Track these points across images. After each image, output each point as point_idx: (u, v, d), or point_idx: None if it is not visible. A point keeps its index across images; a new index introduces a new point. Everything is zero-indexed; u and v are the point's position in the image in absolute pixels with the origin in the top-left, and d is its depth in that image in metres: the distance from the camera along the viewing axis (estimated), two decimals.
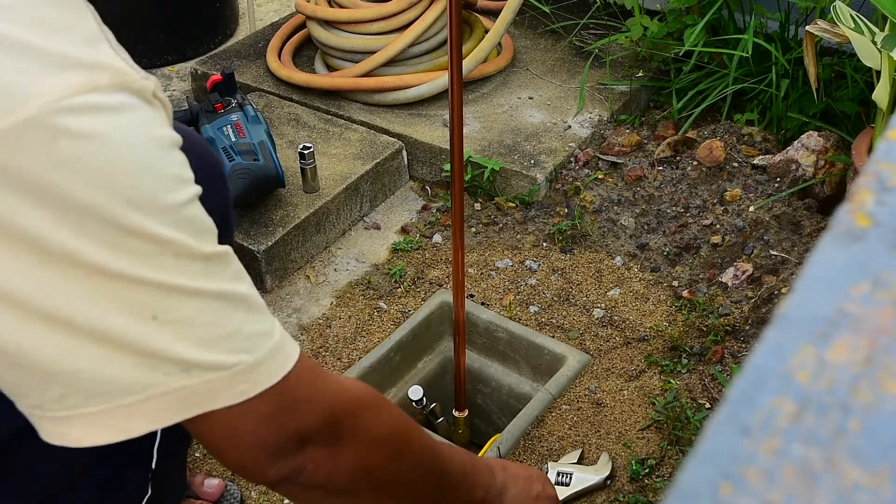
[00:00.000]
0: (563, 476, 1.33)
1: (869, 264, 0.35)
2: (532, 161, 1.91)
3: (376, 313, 1.67)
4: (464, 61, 1.78)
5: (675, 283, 1.69)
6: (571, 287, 1.71)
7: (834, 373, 0.31)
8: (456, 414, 1.47)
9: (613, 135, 2.00)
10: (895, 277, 0.34)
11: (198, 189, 0.68)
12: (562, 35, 2.33)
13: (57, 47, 0.62)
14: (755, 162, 1.88)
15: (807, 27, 1.67)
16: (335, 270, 1.77)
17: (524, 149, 1.95)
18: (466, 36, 2.15)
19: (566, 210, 1.85)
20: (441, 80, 2.04)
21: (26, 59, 0.60)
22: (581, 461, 1.38)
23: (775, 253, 1.67)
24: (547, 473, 1.31)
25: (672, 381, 1.49)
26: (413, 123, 2.03)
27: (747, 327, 1.55)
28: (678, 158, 1.93)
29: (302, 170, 1.76)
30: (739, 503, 0.28)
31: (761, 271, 1.65)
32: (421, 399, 1.47)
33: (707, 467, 0.29)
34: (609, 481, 1.34)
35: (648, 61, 2.19)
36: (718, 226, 1.78)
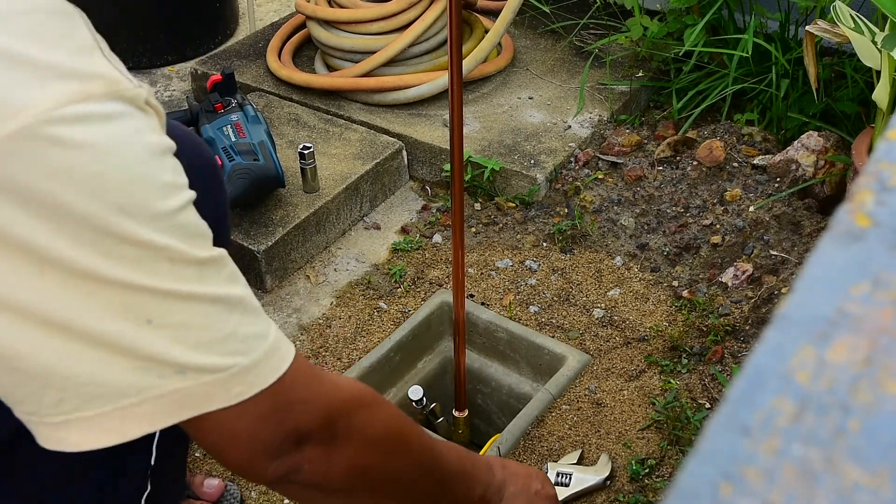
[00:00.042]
0: (563, 476, 1.33)
1: (869, 264, 0.35)
2: (532, 161, 1.91)
3: (376, 313, 1.67)
4: (464, 61, 1.78)
5: (675, 283, 1.69)
6: (571, 287, 1.71)
7: (834, 373, 0.31)
8: (456, 414, 1.47)
9: (613, 135, 2.00)
10: (895, 277, 0.34)
11: (192, 194, 0.69)
12: (562, 35, 2.33)
13: (49, 58, 0.62)
14: (755, 162, 1.88)
15: (807, 27, 1.67)
16: (335, 270, 1.77)
17: (524, 149, 1.95)
18: (466, 36, 2.15)
19: (566, 210, 1.85)
20: (441, 80, 2.04)
21: (19, 70, 0.61)
22: (581, 462, 1.38)
23: (775, 253, 1.67)
24: (546, 474, 1.31)
25: (672, 381, 1.49)
26: (413, 123, 2.03)
27: (747, 327, 1.55)
28: (678, 158, 1.93)
29: (302, 170, 1.76)
30: (739, 503, 0.28)
31: (761, 271, 1.65)
32: (421, 399, 1.47)
33: (707, 467, 0.29)
34: (609, 482, 1.34)
35: (648, 61, 2.19)
36: (718, 226, 1.78)
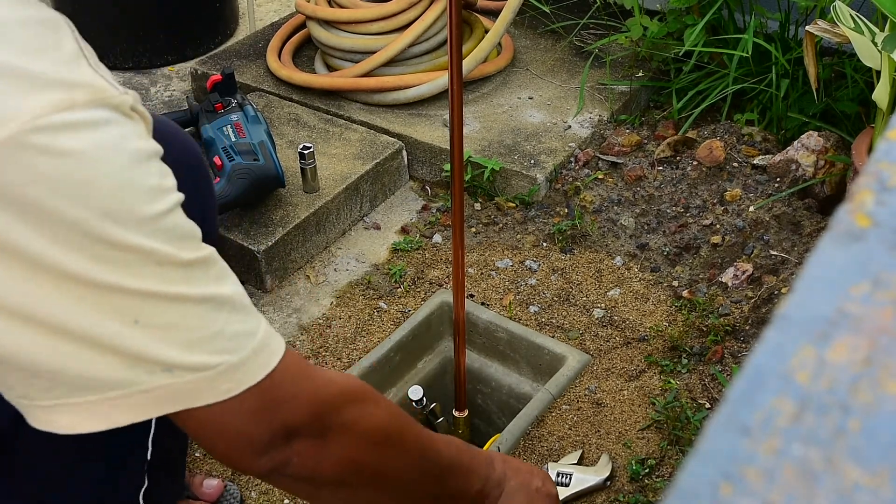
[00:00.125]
0: (563, 477, 1.33)
1: (869, 264, 0.35)
2: (532, 161, 1.91)
3: (376, 313, 1.67)
4: (464, 61, 1.78)
5: (675, 283, 1.69)
6: (571, 287, 1.71)
7: (834, 373, 0.31)
8: (456, 414, 1.47)
9: (613, 135, 2.00)
10: (895, 277, 0.34)
11: (179, 196, 0.70)
12: (562, 35, 2.33)
13: (34, 67, 0.63)
14: (755, 162, 1.88)
15: (807, 27, 1.67)
16: (335, 270, 1.77)
17: (524, 149, 1.95)
18: (466, 36, 2.15)
19: (566, 210, 1.85)
20: (441, 80, 2.04)
21: (4, 80, 0.62)
22: (581, 462, 1.38)
23: (775, 253, 1.67)
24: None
25: (672, 381, 1.49)
26: (413, 123, 2.03)
27: (747, 327, 1.55)
28: (678, 158, 1.93)
29: (302, 170, 1.76)
30: (739, 503, 0.28)
31: (761, 271, 1.65)
32: (421, 399, 1.47)
33: (707, 467, 0.29)
34: (609, 482, 1.34)
35: (648, 61, 2.19)
36: (718, 226, 1.78)
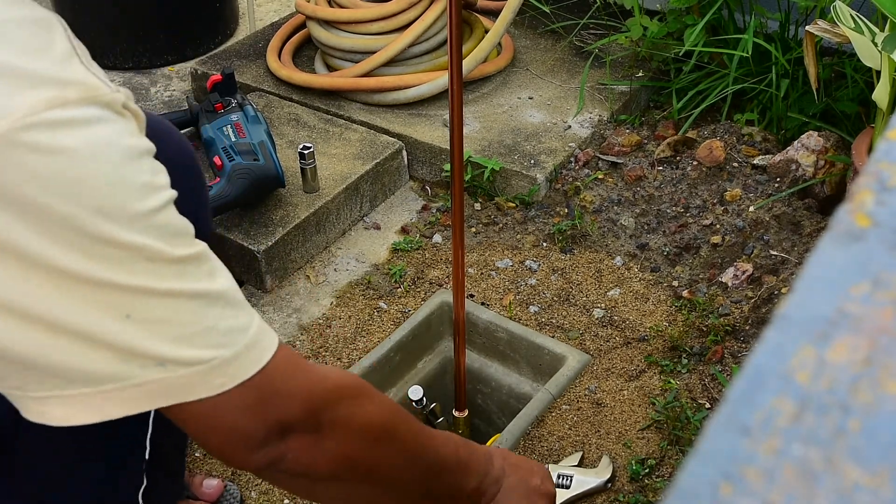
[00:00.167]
0: (564, 479, 1.33)
1: (869, 264, 0.35)
2: (532, 161, 1.91)
3: (376, 313, 1.67)
4: (464, 61, 1.78)
5: (675, 283, 1.69)
6: (571, 287, 1.71)
7: (834, 373, 0.31)
8: (456, 414, 1.47)
9: (613, 135, 2.00)
10: (895, 277, 0.34)
11: (172, 193, 0.70)
12: (562, 35, 2.33)
13: (27, 65, 0.64)
14: (755, 162, 1.88)
15: (807, 27, 1.67)
16: (335, 270, 1.77)
17: (524, 149, 1.95)
18: (466, 36, 2.15)
19: (566, 210, 1.85)
20: (441, 80, 2.03)
21: None
22: (582, 464, 1.38)
23: (775, 253, 1.67)
24: None
25: (672, 381, 1.49)
26: (413, 123, 2.02)
27: (747, 327, 1.55)
28: (678, 158, 1.93)
29: (302, 170, 1.76)
30: (739, 503, 0.28)
31: (761, 271, 1.65)
32: (421, 399, 1.47)
33: (707, 467, 0.29)
34: (610, 484, 1.34)
35: (648, 61, 2.19)
36: (718, 226, 1.78)
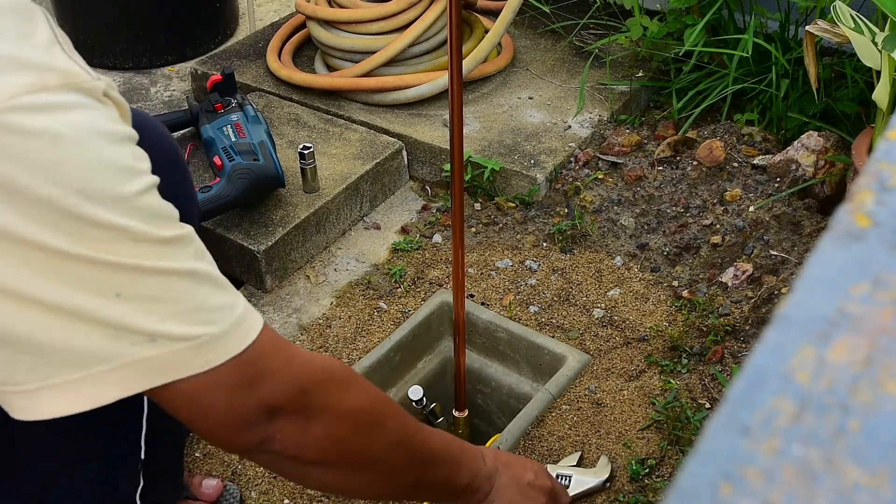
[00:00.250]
0: (563, 479, 1.33)
1: (869, 264, 0.35)
2: (532, 161, 1.91)
3: (376, 313, 1.67)
4: (464, 61, 1.78)
5: (675, 283, 1.69)
6: (571, 287, 1.71)
7: (834, 373, 0.31)
8: (456, 414, 1.47)
9: (613, 135, 2.00)
10: (895, 277, 0.34)
11: (154, 179, 0.72)
12: (562, 35, 2.33)
13: (8, 51, 0.65)
14: (755, 162, 1.88)
15: (807, 27, 1.67)
16: (335, 270, 1.77)
17: (524, 149, 1.95)
18: (466, 36, 2.15)
19: (566, 210, 1.85)
20: (441, 80, 2.03)
21: None
22: (580, 464, 1.38)
23: (775, 253, 1.67)
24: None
25: (672, 381, 1.49)
26: (413, 123, 2.02)
27: (747, 327, 1.55)
28: (678, 158, 1.93)
29: (302, 170, 1.76)
30: (739, 503, 0.28)
31: (761, 271, 1.65)
32: (421, 399, 1.47)
33: (707, 467, 0.29)
34: (608, 484, 1.34)
35: (648, 61, 2.19)
36: (718, 226, 1.78)
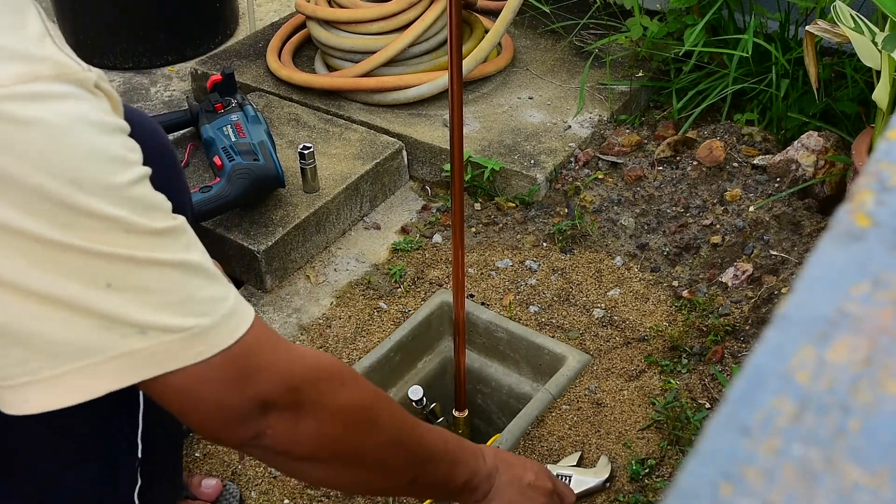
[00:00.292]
0: (563, 479, 1.33)
1: (869, 264, 0.35)
2: (532, 161, 1.91)
3: (376, 313, 1.67)
4: (464, 61, 1.78)
5: (675, 283, 1.69)
6: (571, 287, 1.71)
7: (834, 373, 0.31)
8: (456, 414, 1.47)
9: (613, 135, 2.00)
10: (895, 277, 0.34)
11: (146, 170, 0.71)
12: (562, 35, 2.33)
13: (0, 42, 0.65)
14: (755, 162, 1.88)
15: (807, 27, 1.67)
16: (335, 270, 1.77)
17: (524, 149, 1.95)
18: (466, 36, 2.15)
19: (566, 210, 1.85)
20: (441, 80, 2.03)
21: None
22: (580, 463, 1.38)
23: (775, 253, 1.67)
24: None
25: (672, 381, 1.49)
26: (413, 123, 2.02)
27: (747, 327, 1.55)
28: (678, 158, 1.93)
29: (302, 170, 1.76)
30: (739, 503, 0.28)
31: (761, 271, 1.65)
32: (421, 399, 1.47)
33: (707, 467, 0.29)
34: (608, 483, 1.34)
35: (648, 61, 2.19)
36: (718, 226, 1.78)
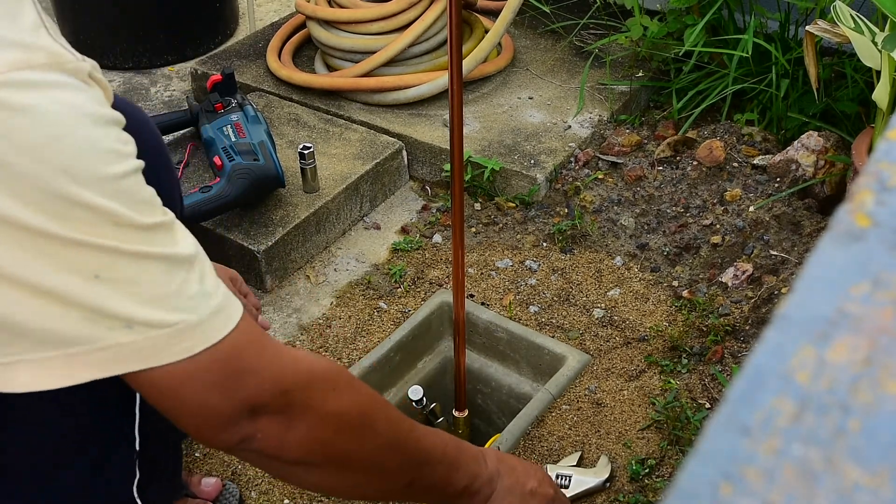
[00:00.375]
0: (563, 479, 1.33)
1: (869, 264, 0.35)
2: (532, 161, 1.91)
3: (376, 313, 1.67)
4: (464, 61, 1.78)
5: (675, 283, 1.69)
6: (571, 287, 1.71)
7: (834, 373, 0.31)
8: (456, 414, 1.47)
9: (613, 135, 2.00)
10: (895, 277, 0.34)
11: (139, 163, 0.71)
12: (562, 35, 2.33)
13: None
14: (755, 162, 1.88)
15: (807, 27, 1.67)
16: (335, 270, 1.77)
17: (524, 149, 1.95)
18: (466, 36, 2.15)
19: (566, 210, 1.85)
20: (441, 80, 2.03)
21: None
22: (580, 463, 1.38)
23: (775, 253, 1.67)
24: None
25: (672, 381, 1.49)
26: (413, 123, 2.02)
27: (747, 327, 1.55)
28: (678, 158, 1.93)
29: (302, 170, 1.76)
30: (739, 503, 0.28)
31: (761, 271, 1.65)
32: (421, 399, 1.47)
33: (707, 467, 0.29)
34: (608, 483, 1.34)
35: (648, 61, 2.19)
36: (718, 226, 1.78)
